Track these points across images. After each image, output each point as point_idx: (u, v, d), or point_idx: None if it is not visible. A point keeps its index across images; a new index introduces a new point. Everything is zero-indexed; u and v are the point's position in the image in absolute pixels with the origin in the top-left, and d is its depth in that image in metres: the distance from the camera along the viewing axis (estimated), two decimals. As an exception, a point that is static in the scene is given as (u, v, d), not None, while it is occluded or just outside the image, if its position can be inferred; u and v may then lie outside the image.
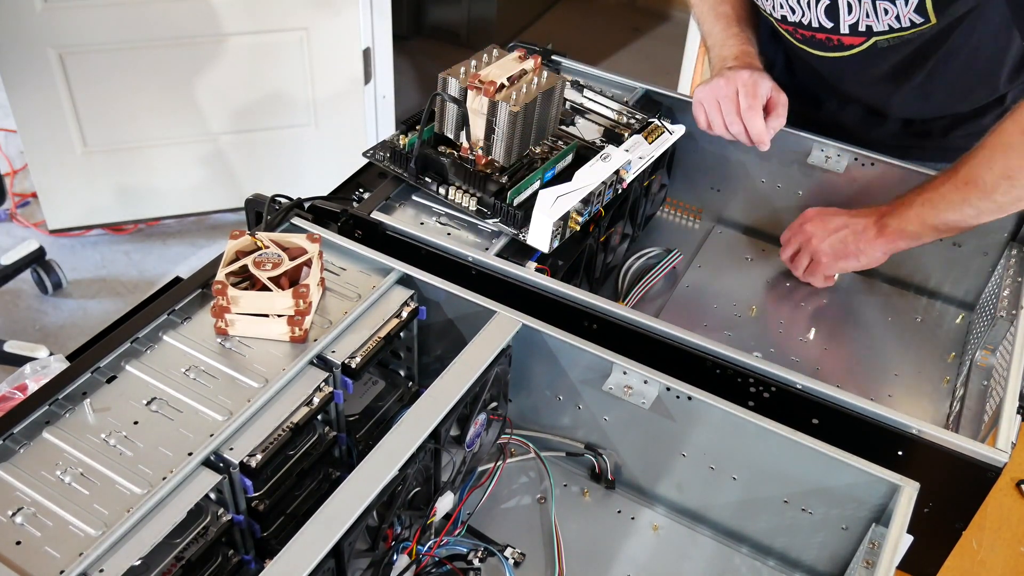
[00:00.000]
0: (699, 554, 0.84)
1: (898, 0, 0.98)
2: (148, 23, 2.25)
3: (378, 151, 1.00)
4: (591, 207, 0.94)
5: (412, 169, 0.96)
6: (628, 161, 0.97)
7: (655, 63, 3.60)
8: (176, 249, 2.57)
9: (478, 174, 0.94)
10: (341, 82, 2.50)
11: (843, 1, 1.02)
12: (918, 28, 1.01)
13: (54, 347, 2.19)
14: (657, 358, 0.80)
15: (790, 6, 1.07)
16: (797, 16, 1.07)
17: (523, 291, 0.88)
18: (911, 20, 1.00)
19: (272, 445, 0.70)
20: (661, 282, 1.15)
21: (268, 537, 0.74)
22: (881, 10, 1.00)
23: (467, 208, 0.94)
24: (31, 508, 0.64)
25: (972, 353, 0.99)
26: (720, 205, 1.24)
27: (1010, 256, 1.03)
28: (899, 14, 1.00)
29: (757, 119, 1.05)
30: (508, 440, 0.90)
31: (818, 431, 0.77)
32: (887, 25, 1.02)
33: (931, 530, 0.77)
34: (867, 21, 1.03)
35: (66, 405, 0.71)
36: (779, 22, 1.11)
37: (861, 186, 1.12)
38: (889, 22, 1.01)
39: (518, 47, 1.06)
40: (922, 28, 1.01)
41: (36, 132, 2.34)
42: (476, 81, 0.90)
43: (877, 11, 1.01)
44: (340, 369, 0.77)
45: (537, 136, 0.97)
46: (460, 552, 0.81)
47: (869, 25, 1.03)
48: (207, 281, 0.83)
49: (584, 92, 1.12)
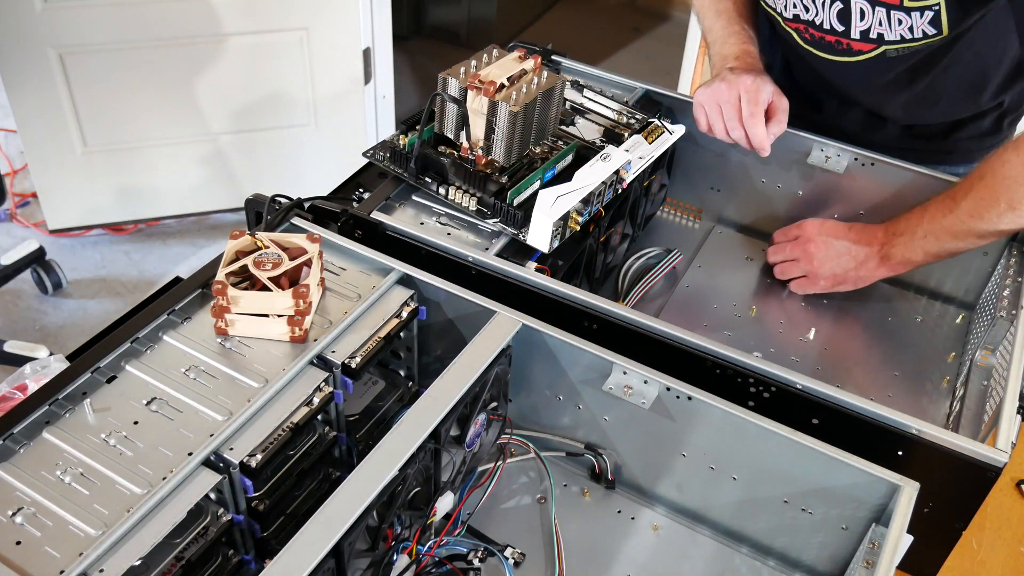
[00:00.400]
0: (699, 554, 0.84)
1: (913, 12, 0.98)
2: (148, 23, 2.25)
3: (378, 151, 1.00)
4: (591, 207, 0.94)
5: (412, 169, 0.96)
6: (628, 161, 0.97)
7: (655, 63, 3.60)
8: (176, 249, 2.57)
9: (478, 174, 0.94)
10: (341, 82, 2.50)
11: (855, 7, 1.02)
12: (929, 39, 1.00)
13: (54, 347, 2.19)
14: (657, 358, 0.80)
15: (804, 4, 1.07)
16: (810, 15, 1.07)
17: (523, 291, 0.88)
18: (924, 31, 1.00)
19: (272, 445, 0.70)
20: (661, 282, 1.15)
21: (268, 537, 0.74)
22: (895, 20, 1.00)
23: (467, 208, 0.94)
24: (31, 508, 0.64)
25: (972, 353, 0.99)
26: (720, 205, 1.24)
27: (1010, 256, 1.03)
28: (912, 25, 0.99)
29: (759, 126, 1.04)
30: (508, 440, 0.90)
31: (818, 431, 0.77)
32: (899, 35, 1.01)
33: (931, 530, 0.77)
34: (879, 29, 1.02)
35: (66, 405, 0.71)
36: (789, 20, 1.11)
37: (861, 186, 1.12)
38: (902, 32, 1.01)
39: (518, 47, 1.06)
40: (933, 40, 1.00)
41: (36, 132, 2.34)
42: (476, 81, 0.90)
43: (891, 21, 1.00)
44: (340, 369, 0.77)
45: (537, 136, 0.97)
46: (460, 552, 0.81)
47: (881, 33, 1.02)
48: (207, 281, 0.83)
49: (584, 92, 1.12)
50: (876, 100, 1.15)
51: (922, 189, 1.07)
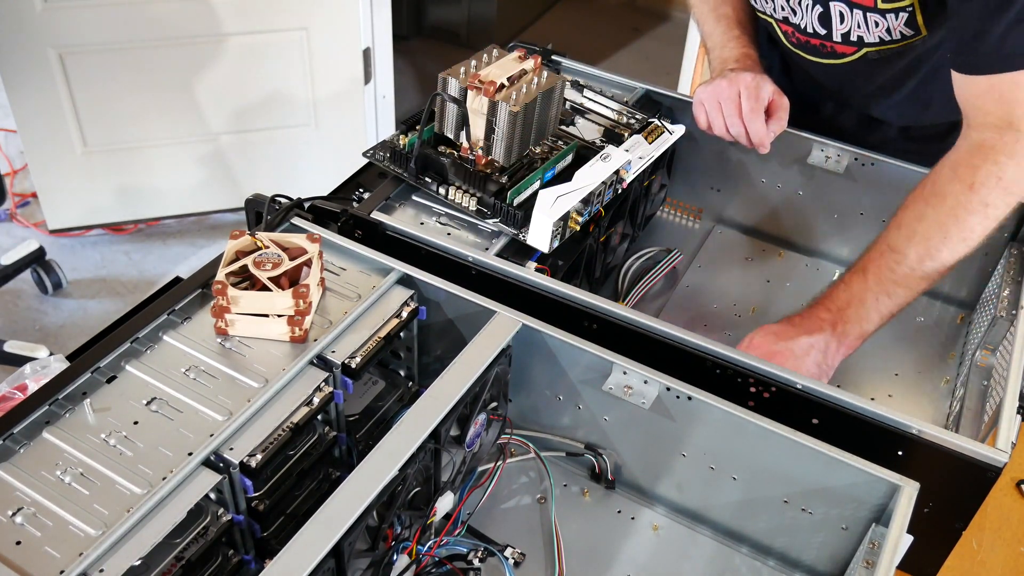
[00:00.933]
0: (699, 554, 0.84)
1: (888, 14, 0.98)
2: (148, 23, 2.25)
3: (378, 151, 1.00)
4: (591, 207, 0.94)
5: (412, 169, 0.96)
6: (628, 161, 0.97)
7: (655, 63, 3.60)
8: (176, 249, 2.57)
9: (478, 174, 0.94)
10: (341, 82, 2.50)
11: (835, 10, 1.02)
12: (908, 40, 1.00)
13: (54, 347, 2.19)
14: (657, 358, 0.80)
15: (791, 7, 1.07)
16: (797, 19, 1.07)
17: (523, 291, 0.88)
18: (901, 33, 1.00)
19: (272, 445, 0.70)
20: (661, 282, 1.15)
21: (268, 537, 0.74)
22: (872, 22, 1.00)
23: (467, 208, 0.94)
24: (31, 508, 0.64)
25: (972, 353, 0.99)
26: (720, 205, 1.24)
27: (1010, 256, 1.03)
28: (890, 27, 0.99)
29: (758, 121, 1.04)
30: (508, 440, 0.90)
31: (818, 431, 0.77)
32: (877, 37, 1.01)
33: (931, 530, 0.77)
34: (858, 32, 1.02)
35: (66, 405, 0.71)
36: (780, 22, 1.11)
37: (861, 186, 1.12)
38: (880, 34, 1.01)
39: (518, 47, 1.06)
40: (913, 40, 1.00)
41: (36, 132, 2.33)
42: (476, 81, 0.90)
43: (868, 23, 1.00)
44: (340, 369, 0.77)
45: (537, 136, 0.97)
46: (460, 552, 0.81)
47: (860, 36, 1.02)
48: (207, 281, 0.83)
49: (584, 92, 1.12)
50: (867, 103, 1.15)
51: (922, 189, 1.07)
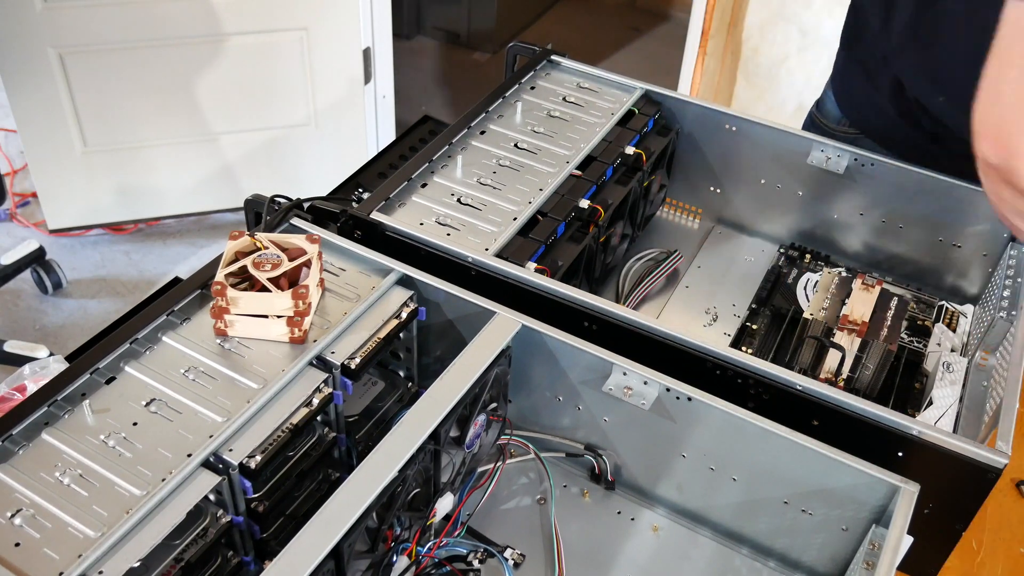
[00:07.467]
0: (699, 555, 0.84)
1: None
2: (148, 23, 2.25)
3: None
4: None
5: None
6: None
7: (655, 63, 3.60)
8: (176, 249, 2.57)
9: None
10: (341, 82, 2.50)
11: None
12: None
13: (54, 347, 2.19)
14: (657, 359, 0.80)
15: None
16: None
17: (523, 292, 0.88)
18: None
19: (271, 446, 0.70)
20: (661, 282, 1.15)
21: (268, 538, 0.74)
22: None
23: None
24: (30, 510, 0.63)
25: (972, 353, 0.99)
26: (720, 205, 1.24)
27: (1010, 256, 1.03)
28: None
29: None
30: (508, 441, 0.90)
31: (818, 432, 0.76)
32: None
33: (931, 531, 0.77)
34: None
35: (65, 406, 0.71)
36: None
37: (861, 186, 1.12)
38: None
39: (518, 47, 1.06)
40: None
41: (36, 132, 2.33)
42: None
43: None
44: (340, 370, 0.77)
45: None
46: (460, 553, 0.81)
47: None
48: (206, 282, 0.82)
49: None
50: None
51: (922, 189, 1.07)
